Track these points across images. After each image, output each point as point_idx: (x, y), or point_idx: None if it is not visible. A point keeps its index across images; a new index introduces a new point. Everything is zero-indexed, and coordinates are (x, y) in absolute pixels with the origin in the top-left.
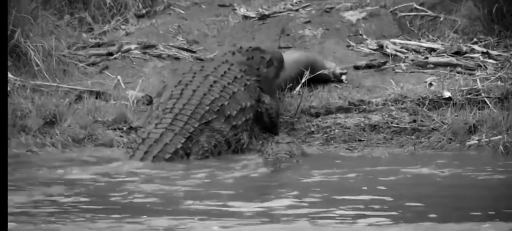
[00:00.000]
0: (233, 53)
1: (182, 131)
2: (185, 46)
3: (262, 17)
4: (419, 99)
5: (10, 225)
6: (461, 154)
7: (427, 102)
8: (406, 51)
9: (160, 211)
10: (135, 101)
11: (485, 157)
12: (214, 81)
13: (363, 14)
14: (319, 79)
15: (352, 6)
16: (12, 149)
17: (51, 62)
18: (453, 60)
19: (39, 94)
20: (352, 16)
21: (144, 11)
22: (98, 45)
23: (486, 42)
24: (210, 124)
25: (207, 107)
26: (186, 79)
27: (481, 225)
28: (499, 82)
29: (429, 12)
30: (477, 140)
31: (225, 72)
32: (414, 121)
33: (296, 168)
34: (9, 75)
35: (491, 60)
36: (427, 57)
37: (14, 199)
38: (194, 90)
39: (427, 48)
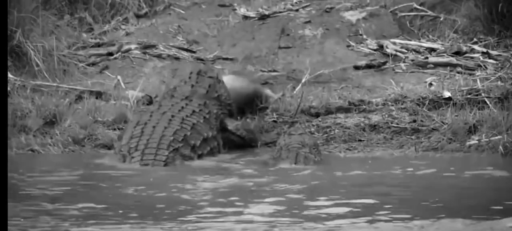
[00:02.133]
0: (192, 86)
1: (155, 163)
2: (185, 46)
3: (262, 17)
4: (419, 99)
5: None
6: (461, 154)
7: (427, 102)
8: (406, 51)
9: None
10: (135, 101)
11: (485, 156)
12: (172, 116)
13: (363, 14)
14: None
15: (352, 6)
16: (14, 149)
17: (51, 62)
18: (453, 60)
19: (39, 94)
20: (352, 16)
21: (144, 11)
22: (98, 45)
23: (486, 42)
24: (179, 151)
25: (171, 138)
26: (143, 118)
27: (479, 224)
28: (499, 82)
29: (429, 12)
30: (477, 140)
31: (182, 107)
32: (414, 121)
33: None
34: (9, 75)
35: (491, 60)
36: (427, 57)
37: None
38: (154, 127)
39: (427, 48)
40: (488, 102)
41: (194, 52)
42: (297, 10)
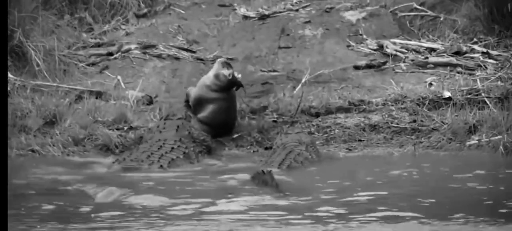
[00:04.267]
0: (160, 132)
1: None
2: (185, 46)
3: (262, 17)
4: (419, 99)
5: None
6: (461, 154)
7: (427, 102)
8: (406, 51)
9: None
10: (135, 101)
11: (485, 157)
12: (151, 153)
13: (363, 14)
14: None
15: (352, 6)
16: (14, 149)
17: (51, 62)
18: (453, 60)
19: (39, 94)
20: (352, 16)
21: (144, 11)
22: (98, 45)
23: (486, 42)
24: None
25: None
26: (123, 156)
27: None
28: (499, 82)
29: (429, 12)
30: (477, 140)
31: (161, 146)
32: (414, 121)
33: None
34: (9, 75)
35: (491, 60)
36: (427, 57)
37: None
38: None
39: (427, 48)
40: (488, 102)
41: (194, 52)
42: (297, 10)
